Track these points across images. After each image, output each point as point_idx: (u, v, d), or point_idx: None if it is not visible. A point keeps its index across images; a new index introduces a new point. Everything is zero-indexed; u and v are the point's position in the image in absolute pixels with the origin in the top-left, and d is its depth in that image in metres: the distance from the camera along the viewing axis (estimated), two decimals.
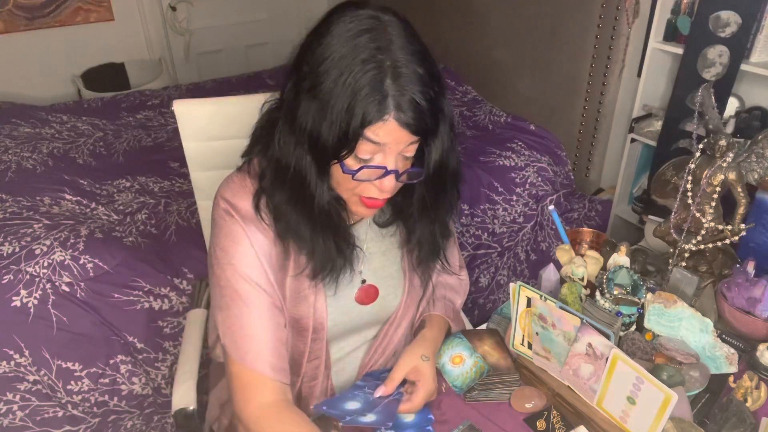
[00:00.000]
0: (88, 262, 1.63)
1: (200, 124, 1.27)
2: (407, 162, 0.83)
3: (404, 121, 0.75)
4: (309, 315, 0.93)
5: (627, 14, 2.14)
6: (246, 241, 0.87)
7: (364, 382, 0.99)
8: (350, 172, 0.79)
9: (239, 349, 0.87)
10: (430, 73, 0.77)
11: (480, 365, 1.03)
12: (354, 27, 0.75)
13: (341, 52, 0.74)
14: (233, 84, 3.08)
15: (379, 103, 0.73)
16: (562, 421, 0.97)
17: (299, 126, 0.79)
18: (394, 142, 0.77)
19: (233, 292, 0.88)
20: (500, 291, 2.23)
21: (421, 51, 0.78)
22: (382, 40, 0.75)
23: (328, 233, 0.87)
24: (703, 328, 1.07)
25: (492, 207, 2.16)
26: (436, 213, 0.94)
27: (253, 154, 0.91)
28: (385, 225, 0.98)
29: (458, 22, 2.83)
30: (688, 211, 1.21)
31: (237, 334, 0.87)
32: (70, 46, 3.13)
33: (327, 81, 0.74)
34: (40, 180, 2.04)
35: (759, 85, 1.86)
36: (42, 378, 1.55)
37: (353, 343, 1.03)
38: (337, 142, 0.76)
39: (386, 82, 0.73)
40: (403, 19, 0.79)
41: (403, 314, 1.04)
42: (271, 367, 0.88)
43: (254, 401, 0.87)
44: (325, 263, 0.88)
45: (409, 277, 1.02)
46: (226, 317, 0.88)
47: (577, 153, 2.48)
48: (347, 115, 0.74)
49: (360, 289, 0.98)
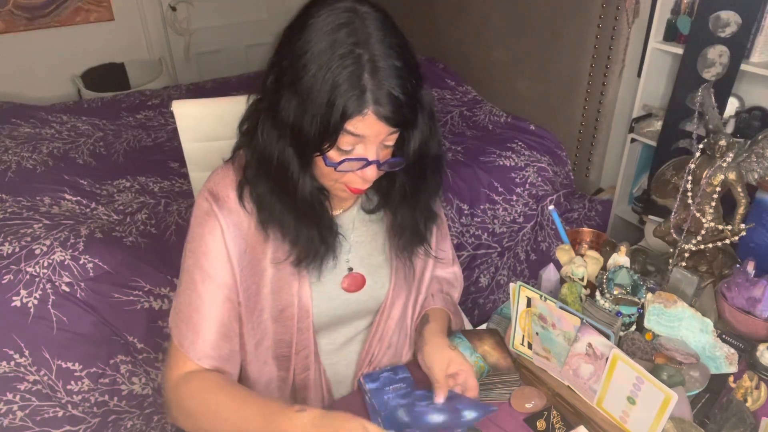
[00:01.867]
0: (88, 262, 1.63)
1: (199, 125, 1.27)
2: (388, 150, 0.85)
3: (383, 115, 0.77)
4: (293, 303, 0.94)
5: (627, 14, 2.14)
6: (217, 233, 0.90)
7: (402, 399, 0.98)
8: (332, 164, 0.81)
9: (180, 333, 0.91)
10: (408, 66, 0.79)
11: (480, 365, 1.03)
12: (332, 21, 0.76)
13: (320, 46, 0.76)
14: (233, 84, 3.08)
15: (357, 98, 0.75)
16: (562, 421, 0.97)
17: (281, 119, 0.80)
18: (374, 135, 0.79)
19: (190, 279, 0.91)
20: (500, 291, 2.23)
21: (399, 44, 0.79)
22: (359, 34, 0.76)
23: (311, 222, 0.89)
24: (703, 328, 1.07)
25: (492, 207, 2.16)
26: (417, 199, 0.96)
27: (239, 146, 0.93)
28: (372, 212, 1.00)
29: (458, 22, 2.83)
30: (688, 211, 1.21)
31: (182, 320, 0.91)
32: (70, 46, 3.13)
33: (307, 75, 0.76)
34: (40, 180, 2.04)
35: (759, 85, 1.86)
36: (42, 378, 1.55)
37: (344, 334, 1.03)
38: (318, 136, 0.78)
39: (364, 77, 0.75)
40: (381, 10, 0.80)
41: (392, 303, 1.04)
42: (206, 356, 0.90)
43: (177, 373, 0.90)
44: (308, 251, 0.90)
45: (396, 264, 1.03)
46: (178, 301, 0.93)
47: (577, 153, 2.48)
48: (328, 109, 0.75)
49: (346, 277, 0.99)
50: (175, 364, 0.91)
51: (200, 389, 0.88)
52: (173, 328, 0.92)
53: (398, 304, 1.05)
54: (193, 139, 1.28)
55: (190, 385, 0.88)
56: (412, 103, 0.80)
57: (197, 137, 1.27)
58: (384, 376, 1.02)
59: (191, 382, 0.89)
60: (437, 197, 1.02)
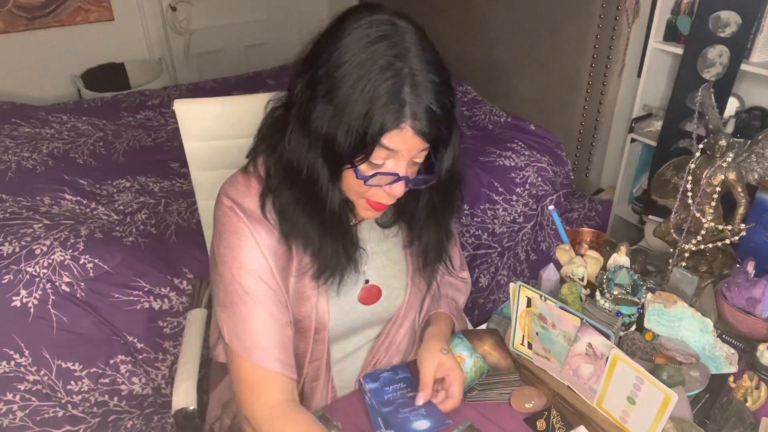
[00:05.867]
0: (88, 262, 1.63)
1: (201, 124, 1.27)
2: (415, 167, 0.84)
3: (419, 130, 0.76)
4: (311, 315, 0.93)
5: (627, 14, 2.14)
6: (251, 239, 0.87)
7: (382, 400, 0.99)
8: (364, 177, 0.80)
9: (246, 346, 0.87)
10: (445, 82, 0.78)
11: (480, 365, 1.03)
12: (372, 32, 0.75)
13: (359, 57, 0.74)
14: (233, 84, 3.08)
15: (397, 112, 0.74)
16: (562, 421, 0.97)
17: (313, 129, 0.78)
18: (408, 150, 0.78)
19: (239, 288, 0.87)
20: (500, 291, 2.23)
21: (436, 59, 0.78)
22: (399, 47, 0.75)
23: (337, 235, 0.88)
24: (703, 328, 1.07)
25: (492, 207, 2.16)
26: (443, 218, 0.95)
27: (257, 154, 0.91)
28: (387, 226, 0.99)
29: (458, 22, 2.83)
30: (688, 211, 1.21)
31: (244, 331, 0.87)
32: (70, 46, 3.13)
33: (344, 86, 0.74)
34: (40, 180, 2.03)
35: (759, 85, 1.86)
36: (42, 378, 1.55)
37: (355, 342, 1.03)
38: (353, 148, 0.76)
39: (404, 90, 0.74)
40: (418, 26, 0.79)
41: (406, 313, 1.04)
42: (279, 362, 0.88)
43: (262, 400, 0.87)
44: (332, 264, 0.88)
45: (412, 276, 1.02)
46: (231, 314, 0.88)
47: (577, 153, 2.48)
48: (365, 121, 0.74)
49: (363, 289, 0.98)
50: (260, 393, 0.87)
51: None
52: (236, 343, 0.87)
53: (411, 314, 1.05)
54: (195, 138, 1.27)
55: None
56: (448, 119, 0.79)
57: (199, 136, 1.27)
58: (384, 376, 1.02)
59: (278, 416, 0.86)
60: (455, 215, 1.01)
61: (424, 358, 0.98)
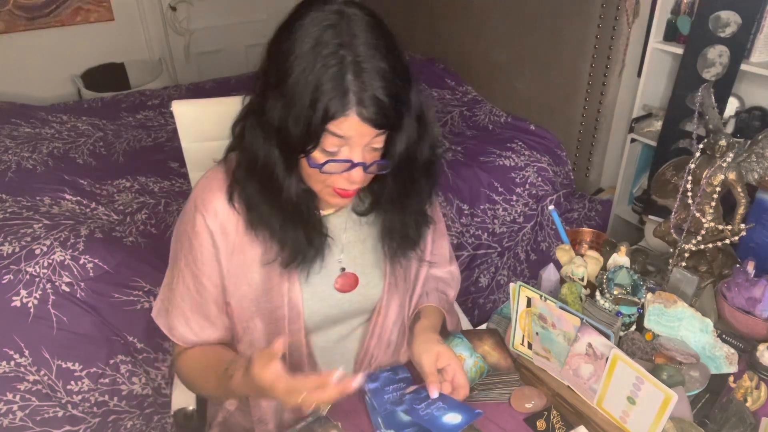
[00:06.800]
0: (88, 262, 1.63)
1: (199, 125, 1.27)
2: (376, 153, 0.85)
3: (366, 116, 0.76)
4: (283, 303, 0.94)
5: (627, 14, 2.14)
6: (205, 236, 0.91)
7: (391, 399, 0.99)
8: (316, 165, 0.81)
9: (169, 324, 0.99)
10: (394, 67, 0.78)
11: (480, 365, 1.03)
12: (318, 22, 0.76)
13: (305, 47, 0.76)
14: (233, 84, 3.08)
15: (340, 99, 0.75)
16: (562, 421, 0.97)
17: (267, 121, 0.80)
18: (358, 136, 0.79)
19: (184, 277, 0.96)
20: (500, 291, 2.23)
21: (386, 45, 0.78)
22: (345, 35, 0.76)
23: (298, 224, 0.89)
24: (703, 328, 1.07)
25: (492, 207, 2.16)
26: (405, 203, 0.95)
27: (232, 149, 0.93)
28: (363, 214, 0.99)
29: (458, 22, 2.83)
30: (688, 211, 1.21)
31: (171, 311, 0.98)
32: (70, 46, 3.13)
33: (291, 76, 0.76)
34: (40, 180, 2.03)
35: (759, 85, 1.86)
36: (42, 378, 1.55)
37: (339, 332, 1.03)
38: (301, 137, 0.78)
39: (347, 78, 0.75)
40: (369, 12, 0.80)
41: (387, 303, 1.04)
42: (191, 342, 0.99)
43: (177, 349, 1.01)
44: (295, 253, 0.90)
45: (390, 265, 1.03)
46: (169, 295, 0.99)
47: (577, 153, 2.48)
48: (310, 110, 0.76)
49: (339, 277, 0.99)
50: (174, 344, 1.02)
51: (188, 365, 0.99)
52: (161, 320, 1.00)
53: (394, 304, 1.05)
54: (193, 138, 1.28)
55: (182, 361, 1.00)
56: (397, 105, 0.80)
57: (197, 137, 1.27)
58: (384, 376, 1.02)
59: (182, 358, 1.00)
60: (431, 201, 1.01)
61: (422, 350, 0.97)
